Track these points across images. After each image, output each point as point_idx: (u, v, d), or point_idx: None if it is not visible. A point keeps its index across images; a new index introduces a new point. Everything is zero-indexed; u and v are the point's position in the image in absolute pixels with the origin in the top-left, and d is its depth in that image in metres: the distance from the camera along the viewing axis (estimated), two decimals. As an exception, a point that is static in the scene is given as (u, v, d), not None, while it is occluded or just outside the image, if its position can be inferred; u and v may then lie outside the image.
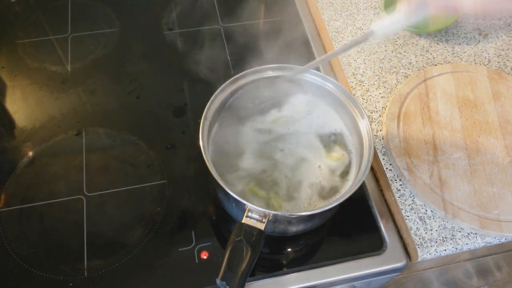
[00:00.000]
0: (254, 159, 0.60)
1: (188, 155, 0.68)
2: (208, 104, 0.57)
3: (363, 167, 0.55)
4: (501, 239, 0.60)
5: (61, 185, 0.65)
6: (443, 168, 0.63)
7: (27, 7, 0.88)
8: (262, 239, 0.49)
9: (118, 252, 0.59)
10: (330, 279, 0.58)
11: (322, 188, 0.59)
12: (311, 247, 0.61)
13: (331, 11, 0.85)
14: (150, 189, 0.65)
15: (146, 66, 0.80)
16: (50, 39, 0.83)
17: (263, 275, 0.58)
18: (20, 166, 0.67)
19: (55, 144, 0.69)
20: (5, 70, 0.78)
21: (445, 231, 0.60)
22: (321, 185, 0.59)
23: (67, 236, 0.60)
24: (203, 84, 0.77)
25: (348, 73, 0.75)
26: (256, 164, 0.60)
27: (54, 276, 0.57)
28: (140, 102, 0.75)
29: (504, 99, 0.71)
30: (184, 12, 0.88)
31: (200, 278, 0.57)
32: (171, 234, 0.61)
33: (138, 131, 0.71)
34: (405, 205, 0.62)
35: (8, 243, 0.60)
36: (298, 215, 0.53)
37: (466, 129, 0.67)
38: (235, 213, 0.57)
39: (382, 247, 0.61)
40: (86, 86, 0.76)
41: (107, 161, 0.68)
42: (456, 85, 0.72)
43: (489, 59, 0.78)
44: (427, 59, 0.77)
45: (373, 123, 0.70)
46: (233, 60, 0.80)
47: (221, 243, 0.60)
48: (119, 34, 0.84)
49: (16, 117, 0.73)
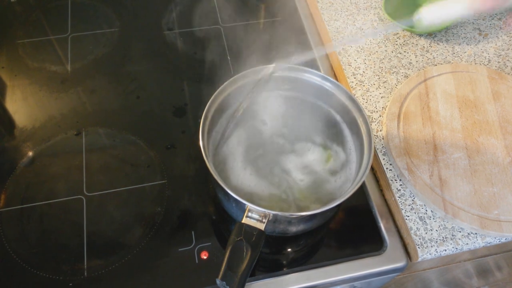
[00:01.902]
0: (252, 159, 0.60)
1: (188, 155, 0.68)
2: (208, 104, 0.57)
3: (363, 167, 0.55)
4: (501, 239, 0.60)
5: (61, 185, 0.65)
6: (443, 168, 0.63)
7: (27, 7, 0.88)
8: (262, 239, 0.49)
9: (118, 252, 0.59)
10: (330, 279, 0.58)
11: (322, 187, 0.59)
12: (311, 247, 0.61)
13: (331, 11, 0.85)
14: (150, 189, 0.65)
15: (146, 66, 0.80)
16: (50, 39, 0.83)
17: (263, 275, 0.58)
18: (20, 166, 0.67)
19: (55, 144, 0.69)
20: (5, 70, 0.78)
21: (445, 231, 0.60)
22: (321, 185, 0.59)
23: (67, 236, 0.60)
24: (203, 84, 0.77)
25: (348, 73, 0.75)
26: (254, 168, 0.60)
27: (54, 276, 0.57)
28: (140, 102, 0.75)
29: (504, 99, 0.71)
30: (184, 12, 0.88)
31: (200, 278, 0.57)
32: (171, 234, 0.61)
33: (138, 131, 0.71)
34: (405, 205, 0.62)
35: (8, 243, 0.60)
36: (298, 215, 0.53)
37: (466, 129, 0.67)
38: (235, 213, 0.57)
39: (382, 247, 0.61)
40: (86, 86, 0.76)
41: (107, 161, 0.67)
42: (456, 85, 0.72)
43: (489, 59, 0.78)
44: (427, 59, 0.77)
45: (373, 123, 0.69)
46: (233, 60, 0.80)
47: (221, 243, 0.60)
48: (119, 34, 0.84)
49: (16, 117, 0.72)
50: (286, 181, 0.59)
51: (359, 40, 0.68)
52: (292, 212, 0.56)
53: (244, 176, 0.59)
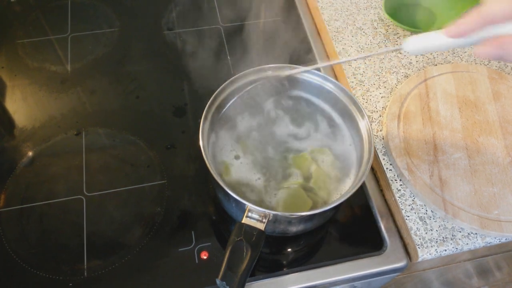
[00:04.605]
0: (250, 159, 0.60)
1: (188, 155, 0.68)
2: (208, 104, 0.57)
3: (363, 167, 0.55)
4: (501, 239, 0.60)
5: (60, 185, 0.65)
6: (443, 168, 0.63)
7: (27, 7, 0.88)
8: (262, 239, 0.49)
9: (118, 252, 0.59)
10: (330, 279, 0.58)
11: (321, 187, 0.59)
12: (311, 247, 0.61)
13: (331, 11, 0.85)
14: (150, 189, 0.65)
15: (146, 66, 0.80)
16: (50, 39, 0.83)
17: (263, 275, 0.58)
18: (20, 166, 0.67)
19: (55, 144, 0.69)
20: (5, 70, 0.78)
21: (445, 231, 0.60)
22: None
23: (67, 236, 0.60)
24: (203, 84, 0.77)
25: (348, 73, 0.75)
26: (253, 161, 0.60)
27: (54, 276, 0.57)
28: (140, 102, 0.75)
29: (505, 99, 0.71)
30: (184, 12, 0.88)
31: (200, 278, 0.57)
32: (171, 234, 0.61)
33: (138, 131, 0.71)
34: (405, 205, 0.62)
35: (8, 243, 0.59)
36: (298, 215, 0.53)
37: (467, 129, 0.67)
38: (235, 213, 0.57)
39: (382, 247, 0.61)
40: (86, 86, 0.76)
41: (107, 161, 0.67)
42: (457, 85, 0.72)
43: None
44: (427, 59, 0.77)
45: (373, 123, 0.69)
46: (233, 60, 0.80)
47: (221, 243, 0.60)
48: (119, 34, 0.84)
49: (16, 117, 0.72)
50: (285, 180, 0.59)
51: (364, 55, 0.69)
52: (292, 212, 0.56)
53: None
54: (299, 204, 0.56)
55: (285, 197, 0.57)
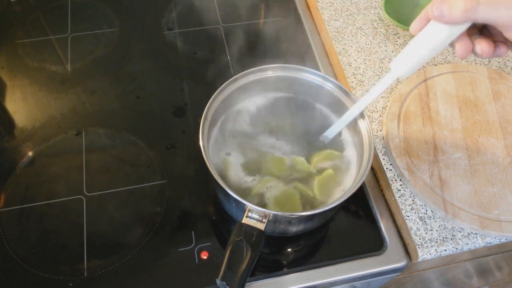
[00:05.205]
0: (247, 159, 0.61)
1: (188, 155, 0.68)
2: (208, 104, 0.57)
3: (363, 167, 0.55)
4: (501, 239, 0.60)
5: (61, 185, 0.65)
6: (443, 168, 0.63)
7: (27, 7, 0.88)
8: (262, 239, 0.49)
9: (118, 252, 0.59)
10: (330, 279, 0.58)
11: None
12: (311, 247, 0.61)
13: (331, 11, 0.85)
14: (150, 189, 0.65)
15: (146, 66, 0.80)
16: (50, 39, 0.83)
17: (263, 275, 0.58)
18: (20, 166, 0.67)
19: (55, 144, 0.69)
20: (5, 70, 0.78)
21: (445, 231, 0.60)
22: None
23: (67, 236, 0.60)
24: (203, 84, 0.77)
25: (348, 73, 0.75)
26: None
27: (54, 276, 0.57)
28: (140, 102, 0.75)
29: (505, 99, 0.71)
30: (184, 12, 0.88)
31: (200, 278, 0.57)
32: (171, 234, 0.61)
33: (138, 131, 0.71)
34: (405, 205, 0.62)
35: (8, 243, 0.60)
36: (298, 215, 0.53)
37: (467, 129, 0.67)
38: (235, 213, 0.57)
39: (382, 247, 0.61)
40: (86, 86, 0.76)
41: (107, 161, 0.67)
42: (457, 85, 0.72)
43: (489, 59, 0.78)
44: (427, 59, 0.77)
45: (373, 123, 0.69)
46: (233, 60, 0.80)
47: (221, 243, 0.60)
48: (119, 34, 0.84)
49: (16, 117, 0.72)
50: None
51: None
52: (292, 212, 0.56)
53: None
54: (288, 205, 0.56)
55: (279, 196, 0.57)
